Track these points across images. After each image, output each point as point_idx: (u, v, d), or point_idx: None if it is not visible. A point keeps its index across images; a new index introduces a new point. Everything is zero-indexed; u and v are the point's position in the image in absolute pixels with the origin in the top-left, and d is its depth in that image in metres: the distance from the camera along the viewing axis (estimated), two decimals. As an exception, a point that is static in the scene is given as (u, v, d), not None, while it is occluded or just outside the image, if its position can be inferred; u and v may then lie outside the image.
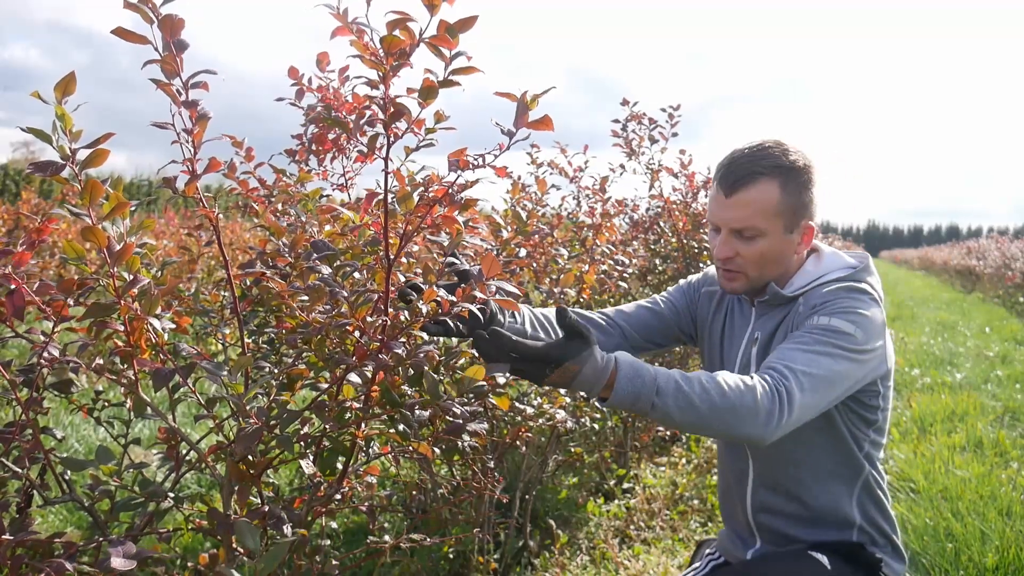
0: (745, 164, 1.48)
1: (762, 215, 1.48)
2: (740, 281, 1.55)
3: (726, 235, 1.52)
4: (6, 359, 1.20)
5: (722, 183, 1.51)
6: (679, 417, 1.26)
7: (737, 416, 1.27)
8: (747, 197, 1.47)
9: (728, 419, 1.27)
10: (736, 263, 1.53)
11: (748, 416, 1.27)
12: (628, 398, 1.26)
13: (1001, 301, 13.53)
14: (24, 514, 1.19)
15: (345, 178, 1.97)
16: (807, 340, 1.39)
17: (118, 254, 1.05)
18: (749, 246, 1.50)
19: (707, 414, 1.26)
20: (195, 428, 3.92)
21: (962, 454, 4.07)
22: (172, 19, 1.06)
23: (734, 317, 1.70)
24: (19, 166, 20.99)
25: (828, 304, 1.45)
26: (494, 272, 1.23)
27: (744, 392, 1.28)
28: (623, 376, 1.26)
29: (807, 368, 1.34)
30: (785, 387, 1.30)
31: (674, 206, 3.94)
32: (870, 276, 1.55)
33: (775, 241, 1.50)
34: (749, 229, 1.49)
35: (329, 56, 1.75)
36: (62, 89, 1.01)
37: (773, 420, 1.28)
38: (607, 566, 2.74)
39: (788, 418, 1.29)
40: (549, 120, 1.18)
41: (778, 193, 1.48)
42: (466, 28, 1.09)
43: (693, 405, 1.26)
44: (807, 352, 1.36)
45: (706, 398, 1.26)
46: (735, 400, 1.27)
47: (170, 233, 8.28)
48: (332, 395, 1.32)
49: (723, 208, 1.51)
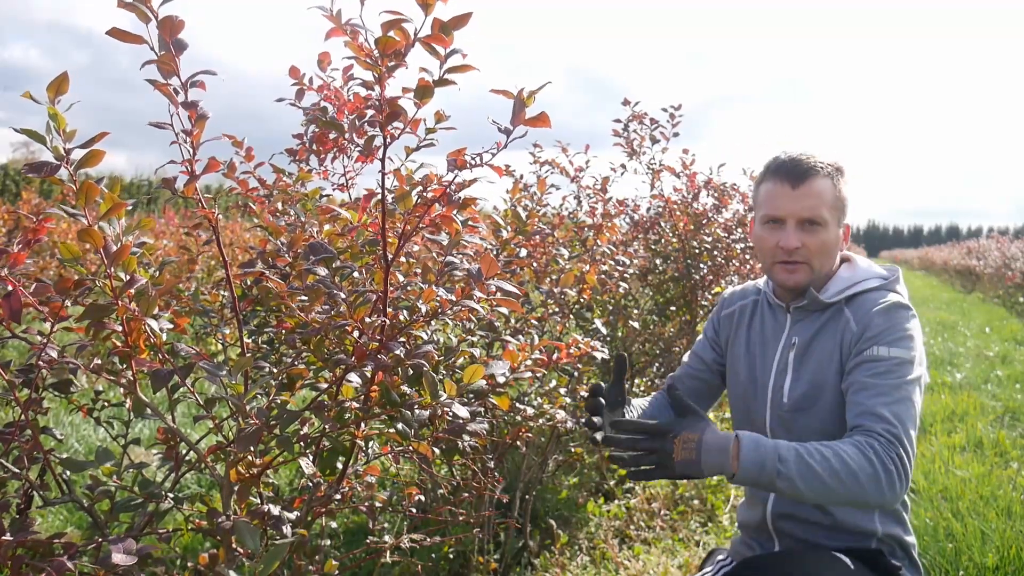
0: (806, 160, 1.57)
1: (826, 206, 1.56)
2: (803, 273, 1.59)
3: (793, 225, 1.57)
4: (5, 359, 1.20)
5: (788, 176, 1.57)
6: (803, 485, 1.31)
7: (859, 483, 1.32)
8: (814, 188, 1.56)
9: (852, 487, 1.32)
10: (801, 253, 1.57)
11: (871, 483, 1.32)
12: (754, 468, 1.31)
13: (1001, 301, 13.53)
14: (24, 514, 1.19)
15: (345, 178, 1.97)
16: (884, 387, 1.44)
17: (115, 254, 1.05)
18: (813, 236, 1.57)
19: (830, 481, 1.31)
20: (194, 428, 3.92)
21: (962, 454, 4.07)
22: (171, 20, 1.06)
23: (765, 325, 1.72)
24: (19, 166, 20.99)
25: (883, 331, 1.49)
26: (493, 272, 1.23)
27: (862, 459, 1.33)
28: (746, 447, 1.32)
29: (904, 421, 1.40)
30: (897, 453, 1.36)
31: (675, 206, 3.94)
32: (902, 288, 1.61)
33: (833, 234, 1.58)
34: (816, 218, 1.56)
35: (330, 56, 1.75)
36: (55, 89, 1.01)
37: (897, 486, 1.34)
38: (607, 566, 2.74)
39: (909, 480, 1.37)
40: (546, 117, 1.18)
41: (832, 188, 1.57)
42: (460, 26, 1.09)
43: (815, 472, 1.31)
44: (893, 402, 1.42)
45: (827, 465, 1.32)
46: (856, 468, 1.32)
47: (169, 233, 8.28)
48: (331, 395, 1.32)
49: (791, 199, 1.57)
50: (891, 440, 1.37)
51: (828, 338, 1.58)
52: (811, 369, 1.58)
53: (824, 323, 1.59)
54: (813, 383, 1.56)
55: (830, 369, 1.55)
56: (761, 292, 1.76)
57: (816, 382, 1.56)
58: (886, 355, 1.47)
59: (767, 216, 1.60)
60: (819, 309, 1.61)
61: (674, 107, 3.82)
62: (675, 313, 3.90)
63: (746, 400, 1.71)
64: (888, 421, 1.39)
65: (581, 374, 2.54)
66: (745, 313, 1.78)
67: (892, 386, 1.43)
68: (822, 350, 1.57)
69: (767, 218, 1.60)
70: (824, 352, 1.57)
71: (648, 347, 3.67)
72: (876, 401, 1.42)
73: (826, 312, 1.60)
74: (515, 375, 1.50)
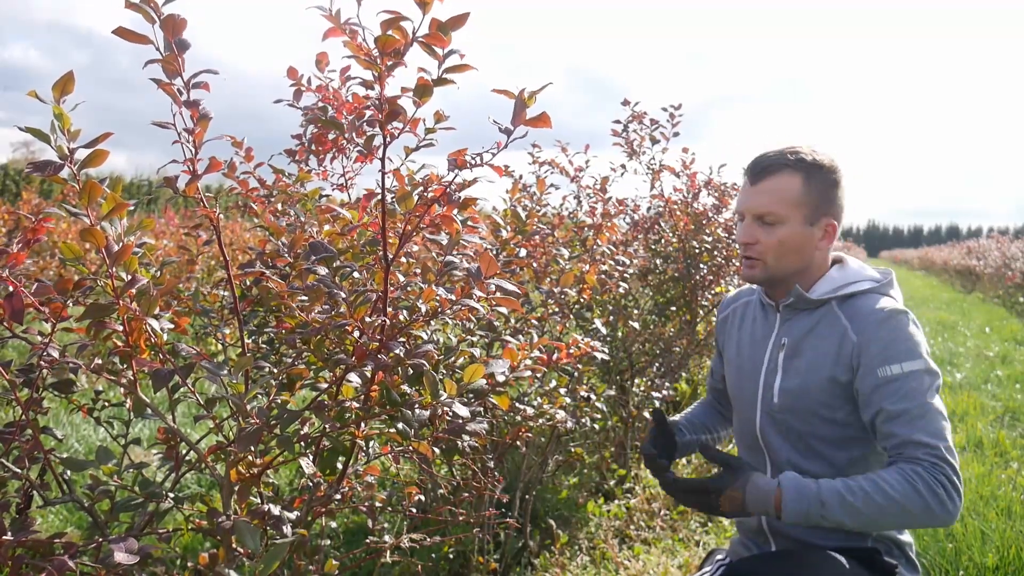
0: (773, 156, 1.59)
1: (782, 202, 1.55)
2: (758, 268, 1.60)
3: (749, 221, 1.60)
4: (6, 359, 1.20)
5: (749, 172, 1.61)
6: (851, 523, 1.38)
7: (909, 513, 1.37)
8: (770, 185, 1.57)
9: (902, 517, 1.38)
10: (756, 249, 1.59)
11: (922, 512, 1.37)
12: (798, 517, 1.40)
13: (1001, 301, 13.53)
14: (24, 514, 1.19)
15: (345, 178, 1.97)
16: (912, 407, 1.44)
17: (116, 254, 1.05)
18: (769, 233, 1.57)
19: (877, 517, 1.37)
20: (195, 428, 3.92)
21: (962, 454, 4.07)
22: (174, 19, 1.06)
23: (756, 325, 1.72)
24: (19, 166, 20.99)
25: (889, 347, 1.48)
26: (492, 271, 1.23)
27: (908, 489, 1.37)
28: (788, 499, 1.40)
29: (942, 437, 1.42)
30: (944, 473, 1.38)
31: (675, 206, 3.94)
32: (894, 291, 1.60)
33: (794, 231, 1.57)
34: (770, 215, 1.56)
35: (328, 56, 1.75)
36: (60, 88, 1.01)
37: (949, 505, 1.37)
38: (607, 566, 2.74)
39: (961, 495, 1.39)
40: (547, 117, 1.18)
41: (800, 185, 1.56)
42: (458, 26, 1.10)
43: (859, 512, 1.37)
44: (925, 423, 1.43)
45: (871, 502, 1.37)
46: (901, 500, 1.36)
47: (170, 233, 8.29)
48: (332, 395, 1.32)
49: (748, 195, 1.60)
50: (934, 462, 1.39)
51: (821, 340, 1.56)
52: (801, 369, 1.57)
53: (815, 323, 1.58)
54: (803, 383, 1.56)
55: (822, 371, 1.54)
56: (755, 293, 1.78)
57: (806, 382, 1.56)
58: (900, 372, 1.46)
59: (735, 211, 1.67)
60: (807, 308, 1.61)
61: (674, 107, 3.82)
62: (675, 313, 3.90)
63: (739, 400, 1.72)
64: (927, 445, 1.40)
65: (581, 374, 2.54)
66: (737, 315, 1.80)
67: (919, 407, 1.44)
68: (814, 351, 1.56)
69: (735, 213, 1.67)
70: (817, 353, 1.56)
71: (648, 347, 3.67)
72: (910, 429, 1.42)
73: (816, 312, 1.59)
74: (515, 374, 1.51)
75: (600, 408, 2.52)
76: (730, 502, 1.44)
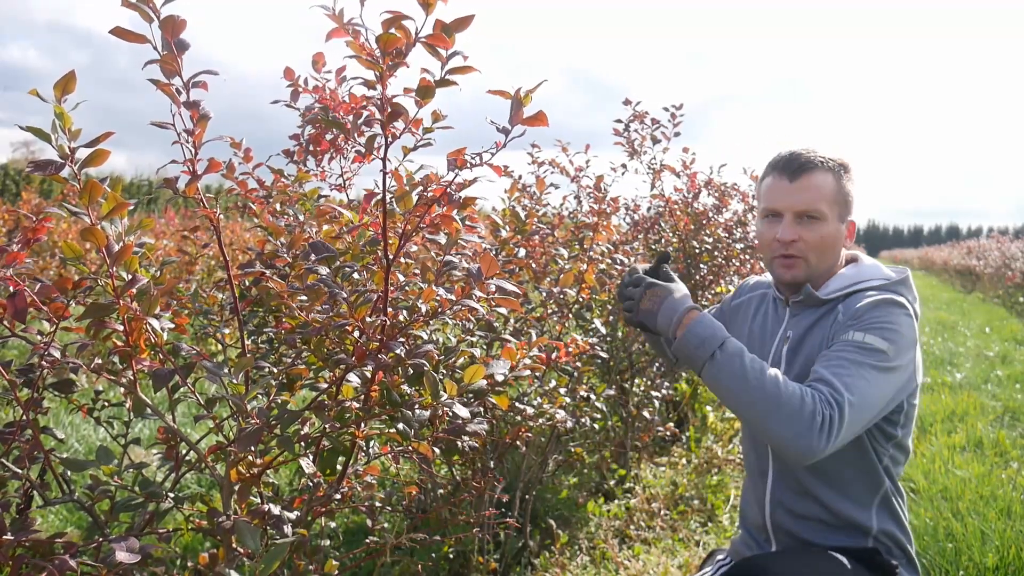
0: (806, 155, 1.59)
1: (824, 200, 1.57)
2: (800, 268, 1.59)
3: (790, 219, 1.58)
4: (6, 359, 1.20)
5: (786, 170, 1.59)
6: (727, 382, 1.36)
7: (779, 410, 1.33)
8: (811, 182, 1.57)
9: (770, 408, 1.33)
10: (798, 247, 1.58)
11: (789, 416, 1.33)
12: (694, 340, 1.38)
13: (1001, 301, 13.53)
14: (24, 514, 1.19)
15: (343, 178, 1.97)
16: (844, 361, 1.42)
17: (117, 254, 1.05)
18: (811, 230, 1.57)
19: (754, 392, 1.34)
20: (195, 428, 3.92)
21: (962, 454, 4.07)
22: (173, 19, 1.07)
23: (767, 318, 1.74)
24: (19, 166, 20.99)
25: (864, 318, 1.48)
26: (492, 271, 1.23)
27: (796, 395, 1.34)
28: (698, 321, 1.41)
29: (852, 392, 1.38)
30: (831, 414, 1.34)
31: (676, 206, 3.94)
32: (907, 290, 1.59)
33: (832, 228, 1.58)
34: (814, 211, 1.56)
35: (325, 57, 1.75)
36: (61, 88, 1.01)
37: (813, 438, 1.32)
38: (607, 566, 2.74)
39: (832, 441, 1.34)
40: (544, 116, 1.18)
41: (833, 183, 1.58)
42: (462, 28, 1.09)
43: (746, 377, 1.35)
44: (849, 376, 1.39)
45: (759, 378, 1.35)
46: (784, 397, 1.34)
47: (170, 233, 8.28)
48: (332, 395, 1.32)
49: (788, 193, 1.58)
50: (831, 401, 1.36)
51: (820, 332, 1.58)
52: (802, 363, 1.59)
53: (818, 319, 1.60)
54: (803, 375, 1.57)
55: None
56: (770, 286, 1.78)
57: (805, 374, 1.56)
58: (860, 340, 1.44)
59: (766, 210, 1.62)
60: (816, 305, 1.62)
61: (675, 107, 3.82)
62: (675, 313, 3.89)
63: None
64: (835, 388, 1.38)
65: (580, 374, 2.55)
66: (752, 304, 1.80)
67: (852, 362, 1.42)
68: (812, 345, 1.58)
69: (766, 212, 1.62)
70: (815, 347, 1.57)
71: (648, 347, 3.67)
72: (829, 371, 1.41)
73: (822, 308, 1.61)
74: (514, 374, 1.51)
75: (600, 408, 2.52)
76: (651, 298, 1.50)
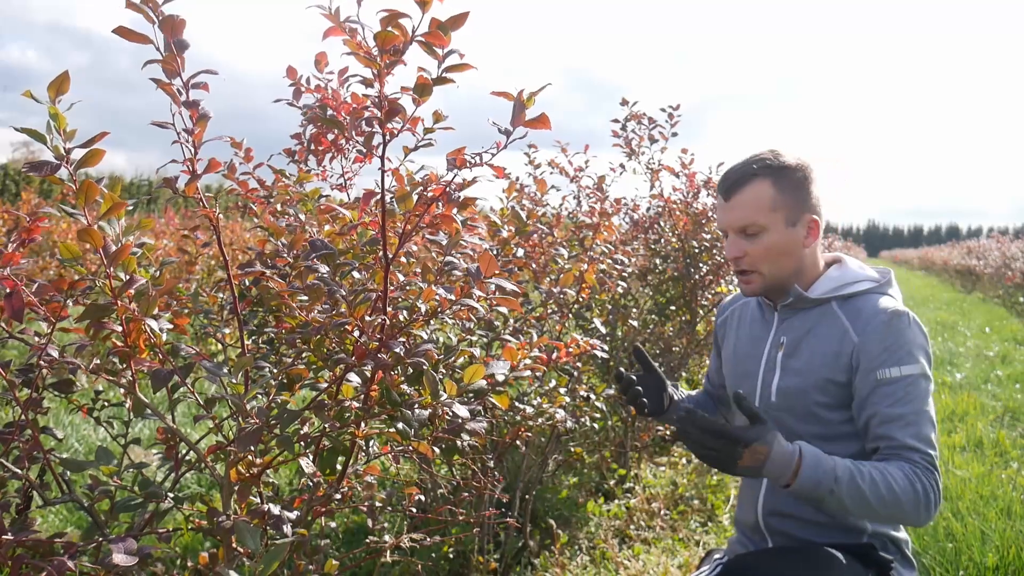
0: (738, 169, 1.60)
1: (759, 211, 1.56)
2: (756, 282, 1.61)
3: (733, 236, 1.61)
4: (5, 359, 1.20)
5: (721, 190, 1.62)
6: (850, 505, 1.39)
7: (902, 507, 1.39)
8: (743, 197, 1.58)
9: (894, 510, 1.39)
10: (746, 262, 1.60)
11: (913, 509, 1.40)
12: (810, 484, 1.37)
13: (1001, 301, 13.53)
14: (24, 514, 1.19)
15: (344, 178, 1.97)
16: (908, 413, 1.46)
17: (114, 254, 1.05)
18: (754, 243, 1.58)
19: (875, 504, 1.38)
20: (194, 428, 3.92)
21: (962, 454, 4.07)
22: (173, 19, 1.07)
23: (754, 325, 1.74)
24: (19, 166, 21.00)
25: (890, 350, 1.50)
26: (492, 271, 1.23)
27: (908, 486, 1.39)
28: (807, 465, 1.38)
29: (934, 444, 1.46)
30: (935, 479, 1.42)
31: (675, 206, 3.94)
32: (894, 290, 1.61)
33: (778, 235, 1.58)
34: (751, 226, 1.57)
35: (327, 57, 1.75)
36: (56, 88, 1.01)
37: (932, 508, 1.41)
38: (607, 566, 2.74)
39: (940, 505, 1.43)
40: (546, 119, 1.18)
41: (771, 190, 1.57)
42: (458, 25, 1.10)
43: (864, 496, 1.38)
44: (921, 428, 1.46)
45: (875, 489, 1.38)
46: (901, 494, 1.38)
47: (170, 233, 8.28)
48: (332, 395, 1.32)
49: (725, 212, 1.61)
50: (929, 467, 1.43)
51: (821, 341, 1.57)
52: (800, 368, 1.58)
53: (815, 323, 1.59)
54: (801, 383, 1.57)
55: (821, 371, 1.54)
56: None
57: (804, 382, 1.56)
58: (898, 376, 1.48)
59: (718, 230, 1.65)
60: (806, 307, 1.62)
61: (673, 107, 3.82)
62: (675, 313, 3.90)
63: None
64: (922, 452, 1.44)
65: (581, 374, 2.54)
66: (735, 316, 1.82)
67: (915, 413, 1.46)
68: (813, 351, 1.57)
69: (721, 232, 1.67)
70: (815, 354, 1.56)
71: (648, 347, 3.67)
72: (907, 433, 1.45)
73: (814, 311, 1.60)
74: (514, 374, 1.51)
75: (600, 408, 2.52)
76: (752, 456, 1.35)
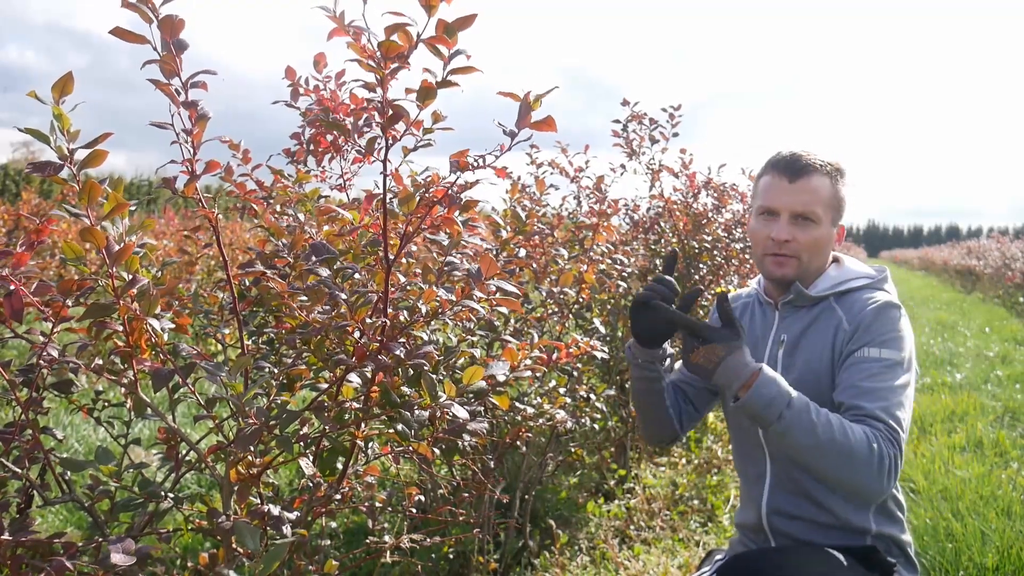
0: (806, 157, 1.60)
1: (820, 203, 1.58)
2: (791, 266, 1.61)
3: (786, 219, 1.59)
4: (6, 359, 1.20)
5: (786, 170, 1.60)
6: (799, 437, 1.36)
7: (852, 460, 1.36)
8: (810, 185, 1.58)
9: (843, 461, 1.36)
10: (791, 247, 1.60)
11: (863, 466, 1.36)
12: (762, 401, 1.37)
13: (1001, 301, 13.53)
14: (24, 514, 1.19)
15: (343, 179, 1.97)
16: (880, 389, 1.46)
17: (117, 254, 1.05)
18: (805, 232, 1.59)
19: (825, 444, 1.36)
20: (195, 428, 3.92)
21: (962, 454, 4.07)
22: (172, 19, 1.07)
23: (755, 323, 1.74)
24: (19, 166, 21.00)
25: (872, 329, 1.52)
26: (492, 272, 1.23)
27: (864, 441, 1.37)
28: (763, 382, 1.38)
29: (903, 426, 1.44)
30: (893, 453, 1.39)
31: (675, 206, 3.94)
32: (889, 286, 1.63)
33: (825, 231, 1.60)
34: (810, 213, 1.58)
35: (326, 57, 1.75)
36: (60, 89, 1.01)
37: (883, 480, 1.38)
38: (607, 566, 2.74)
39: (895, 481, 1.41)
40: (552, 121, 1.18)
41: (830, 188, 1.60)
42: (465, 27, 1.09)
43: (815, 432, 1.36)
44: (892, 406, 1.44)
45: (828, 429, 1.36)
46: (855, 445, 1.36)
47: (170, 233, 8.28)
48: (332, 395, 1.32)
49: (786, 193, 1.59)
50: (891, 439, 1.41)
51: (819, 335, 1.59)
52: (800, 365, 1.60)
53: (814, 319, 1.62)
54: (802, 378, 1.57)
55: (820, 365, 1.57)
56: (753, 293, 1.79)
57: (805, 378, 1.57)
58: (877, 356, 1.49)
59: (762, 208, 1.63)
60: (806, 305, 1.64)
61: (673, 107, 3.82)
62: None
63: None
64: (888, 424, 1.42)
65: (581, 374, 2.55)
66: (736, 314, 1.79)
67: (888, 390, 1.46)
68: (811, 346, 1.59)
69: (762, 210, 1.63)
70: (814, 348, 1.58)
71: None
72: (876, 406, 1.45)
73: (814, 308, 1.62)
74: (515, 374, 1.51)
75: (600, 408, 2.52)
76: (706, 355, 1.42)
